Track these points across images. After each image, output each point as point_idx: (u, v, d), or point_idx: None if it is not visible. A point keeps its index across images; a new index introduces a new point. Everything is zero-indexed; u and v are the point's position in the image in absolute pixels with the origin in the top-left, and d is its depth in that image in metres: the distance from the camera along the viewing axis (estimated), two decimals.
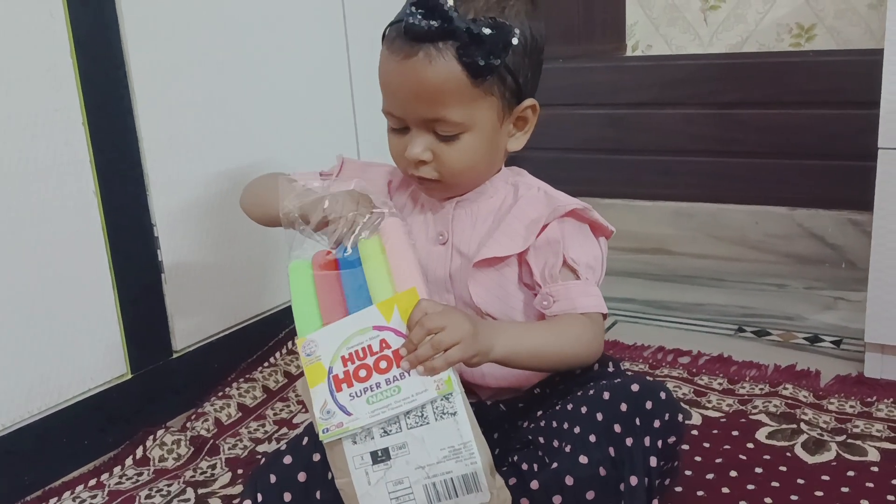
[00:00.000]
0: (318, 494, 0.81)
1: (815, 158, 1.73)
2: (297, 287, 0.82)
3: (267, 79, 1.40)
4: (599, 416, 0.82)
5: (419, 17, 0.80)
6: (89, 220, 1.15)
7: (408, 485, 0.74)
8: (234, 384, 1.33)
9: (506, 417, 0.92)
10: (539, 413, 0.88)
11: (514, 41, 0.82)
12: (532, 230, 0.89)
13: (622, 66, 1.89)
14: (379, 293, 0.79)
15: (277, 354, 1.43)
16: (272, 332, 1.46)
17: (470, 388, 0.91)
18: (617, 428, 0.82)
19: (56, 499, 1.08)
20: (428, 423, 0.74)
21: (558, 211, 0.90)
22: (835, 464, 1.06)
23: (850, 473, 1.03)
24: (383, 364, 0.76)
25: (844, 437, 1.12)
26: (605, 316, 0.92)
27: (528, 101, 0.89)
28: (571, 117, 1.89)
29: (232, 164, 1.34)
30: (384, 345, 0.76)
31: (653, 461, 0.82)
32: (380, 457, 0.74)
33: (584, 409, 0.82)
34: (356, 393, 0.75)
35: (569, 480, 0.78)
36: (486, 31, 0.80)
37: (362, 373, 0.76)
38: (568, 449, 0.80)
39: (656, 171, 1.87)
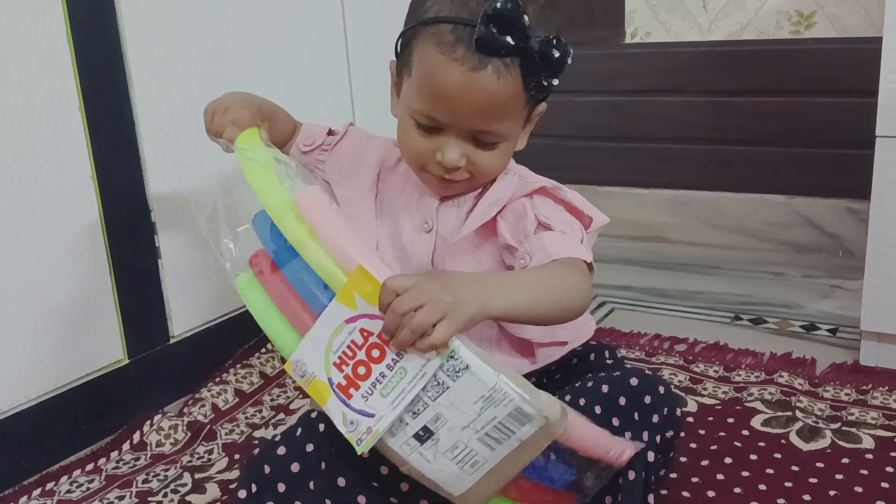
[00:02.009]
0: (311, 484, 0.81)
1: (814, 147, 1.73)
2: (254, 304, 0.79)
3: (264, 63, 1.40)
4: (598, 410, 0.82)
5: (494, 30, 0.77)
6: (86, 205, 1.15)
7: (463, 446, 0.71)
8: (232, 370, 1.33)
9: None
10: None
11: (570, 60, 0.80)
12: (491, 209, 0.88)
13: (621, 53, 1.89)
14: (332, 280, 0.74)
15: None
16: None
17: None
18: (615, 422, 0.82)
19: (53, 483, 1.08)
20: (448, 388, 0.71)
21: (526, 188, 0.88)
22: (829, 451, 1.06)
23: (845, 461, 1.04)
24: (376, 353, 0.72)
25: (839, 424, 1.13)
26: (590, 267, 0.84)
27: (542, 106, 0.89)
28: (569, 104, 1.89)
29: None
30: (365, 334, 0.72)
31: (650, 456, 0.82)
32: (423, 436, 0.72)
33: (582, 402, 0.82)
34: (367, 392, 0.72)
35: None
36: (556, 52, 0.78)
37: (361, 370, 0.73)
38: None
39: (654, 159, 1.86)
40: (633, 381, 0.84)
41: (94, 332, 1.18)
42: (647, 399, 0.83)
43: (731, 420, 1.15)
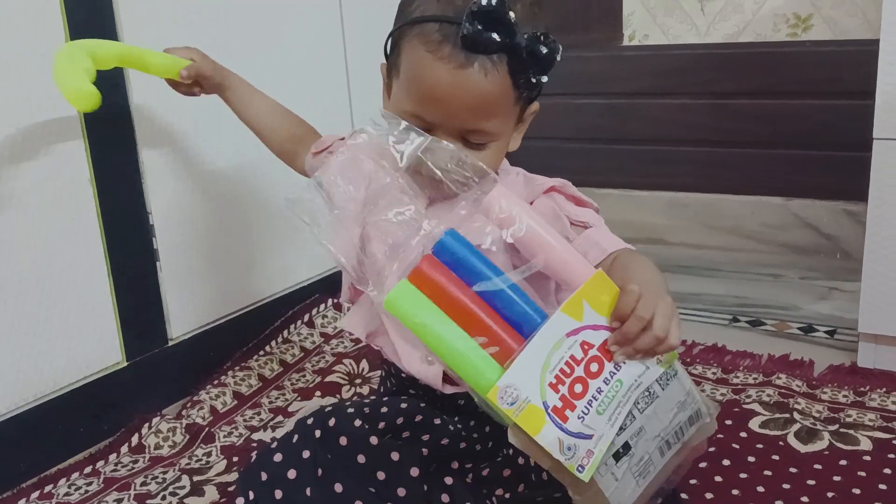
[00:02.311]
0: (308, 491, 0.80)
1: (811, 148, 1.73)
2: (423, 323, 0.66)
3: (263, 63, 1.40)
4: None
5: (479, 27, 0.77)
6: (84, 208, 1.15)
7: (647, 457, 0.68)
8: (230, 372, 1.33)
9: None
10: None
11: (559, 58, 0.80)
12: None
13: (619, 56, 1.89)
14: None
15: (273, 343, 1.43)
16: (268, 321, 1.46)
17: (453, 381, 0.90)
18: None
19: (52, 486, 1.08)
20: (658, 397, 0.67)
21: (538, 189, 0.88)
22: (827, 453, 1.07)
23: (843, 462, 1.04)
24: (594, 367, 0.66)
25: (837, 426, 1.13)
26: None
27: (535, 106, 0.89)
28: (567, 106, 1.89)
29: (228, 152, 1.34)
30: (586, 346, 0.66)
31: None
32: (622, 453, 0.67)
33: None
34: (583, 411, 0.65)
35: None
36: (544, 48, 0.78)
37: (578, 388, 0.65)
38: None
39: (652, 161, 1.86)
40: None
41: (92, 335, 1.18)
42: None
43: (728, 422, 1.15)
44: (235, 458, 1.12)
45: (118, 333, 1.21)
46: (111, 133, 1.18)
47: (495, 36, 0.77)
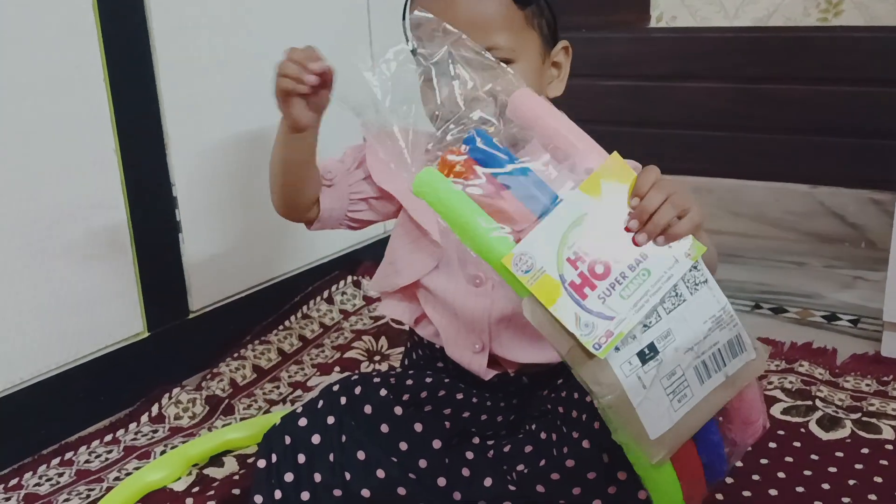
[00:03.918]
0: (331, 457, 0.81)
1: (838, 136, 1.71)
2: (446, 202, 0.66)
3: (288, 39, 1.39)
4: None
5: None
6: (109, 178, 1.15)
7: (680, 374, 0.66)
8: (250, 346, 1.34)
9: (527, 387, 0.91)
10: (560, 381, 0.88)
11: None
12: None
13: (645, 38, 1.87)
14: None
15: (293, 318, 1.43)
16: (288, 296, 1.46)
17: (497, 362, 0.90)
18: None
19: (72, 453, 1.09)
20: (685, 300, 0.66)
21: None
22: (849, 441, 1.06)
23: (865, 451, 1.03)
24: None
25: (859, 414, 1.12)
26: None
27: (562, 43, 0.89)
28: (592, 88, 1.87)
29: (252, 124, 1.34)
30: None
31: None
32: (647, 354, 0.65)
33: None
34: (605, 292, 0.65)
35: (586, 444, 0.78)
36: None
37: (599, 268, 0.65)
38: (584, 418, 0.80)
39: (676, 145, 1.85)
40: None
41: (114, 305, 1.18)
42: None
43: None
44: None
45: (140, 304, 1.22)
46: (137, 106, 1.18)
47: None
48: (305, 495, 0.80)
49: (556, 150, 0.70)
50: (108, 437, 1.13)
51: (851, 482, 0.97)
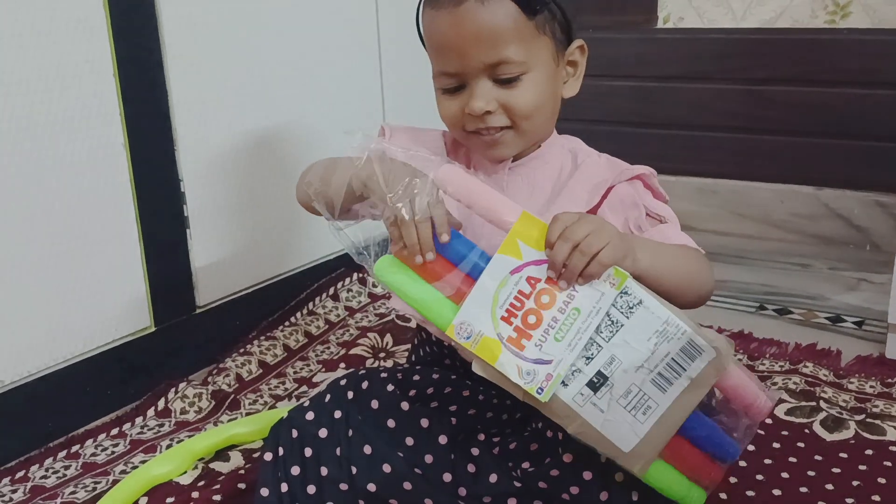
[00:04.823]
0: (337, 451, 0.82)
1: (844, 138, 1.71)
2: (399, 282, 0.76)
3: (297, 37, 1.40)
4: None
5: None
6: (117, 173, 1.16)
7: (636, 390, 0.70)
8: (256, 342, 1.34)
9: None
10: None
11: None
12: (595, 193, 0.86)
13: (652, 39, 1.87)
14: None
15: (298, 314, 1.44)
16: (294, 292, 1.47)
17: None
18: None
19: (79, 446, 1.10)
20: (622, 325, 0.70)
21: (625, 174, 0.87)
22: (853, 442, 1.06)
23: (868, 452, 1.03)
24: (545, 298, 0.71)
25: (863, 416, 1.12)
26: None
27: (577, 42, 0.88)
28: (598, 88, 1.88)
29: (261, 121, 1.35)
30: (532, 281, 0.71)
31: None
32: (597, 382, 0.70)
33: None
34: (540, 339, 0.71)
35: (602, 458, 0.78)
36: None
37: (531, 318, 0.71)
38: None
39: (682, 146, 1.85)
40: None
41: (122, 299, 1.19)
42: None
43: None
44: None
45: (147, 299, 1.22)
46: (146, 100, 1.18)
47: None
48: (312, 489, 0.81)
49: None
50: (115, 431, 1.13)
51: (855, 483, 0.97)
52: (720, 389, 0.74)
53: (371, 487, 0.80)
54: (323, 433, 0.82)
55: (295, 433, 0.83)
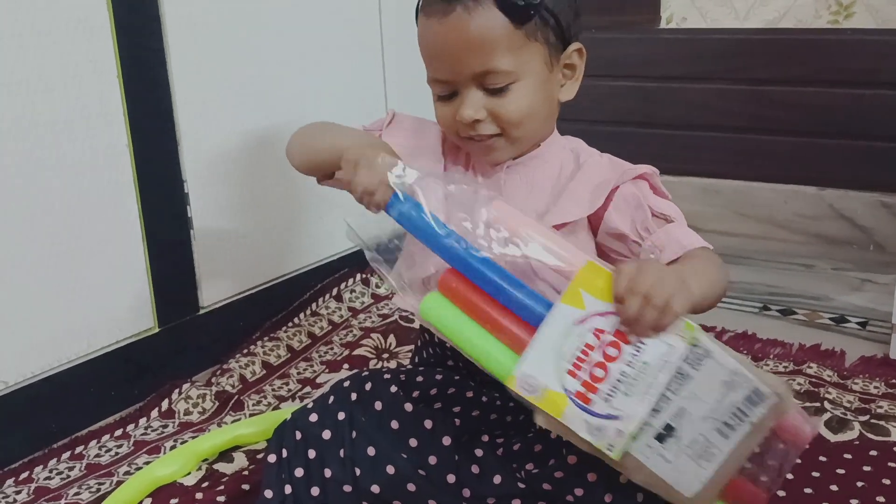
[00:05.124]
0: (341, 452, 0.82)
1: (848, 138, 1.71)
2: (452, 325, 0.72)
3: (300, 37, 1.40)
4: None
5: None
6: (121, 173, 1.16)
7: (702, 439, 0.69)
8: (259, 342, 1.34)
9: None
10: None
11: None
12: (599, 193, 0.85)
13: (655, 39, 1.87)
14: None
15: (302, 315, 1.43)
16: (297, 293, 1.47)
17: None
18: None
19: (83, 447, 1.10)
20: (691, 378, 0.68)
21: (628, 174, 0.86)
22: (857, 443, 1.06)
23: (873, 453, 1.03)
24: (612, 351, 0.68)
25: (868, 416, 1.12)
26: None
27: (574, 45, 0.86)
28: (601, 89, 1.88)
29: (264, 122, 1.35)
30: (598, 333, 0.69)
31: None
32: (665, 434, 0.69)
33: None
34: (608, 394, 0.68)
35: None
36: None
37: (599, 372, 0.68)
38: None
39: (685, 146, 1.85)
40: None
41: (125, 300, 1.19)
42: None
43: None
44: None
45: (151, 299, 1.22)
46: (149, 100, 1.19)
47: None
48: (315, 490, 0.81)
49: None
50: (119, 432, 1.13)
51: (860, 484, 0.97)
52: (776, 426, 0.73)
53: (375, 489, 0.81)
54: (326, 434, 0.82)
55: (298, 435, 0.83)
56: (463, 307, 0.73)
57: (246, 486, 0.98)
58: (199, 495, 0.98)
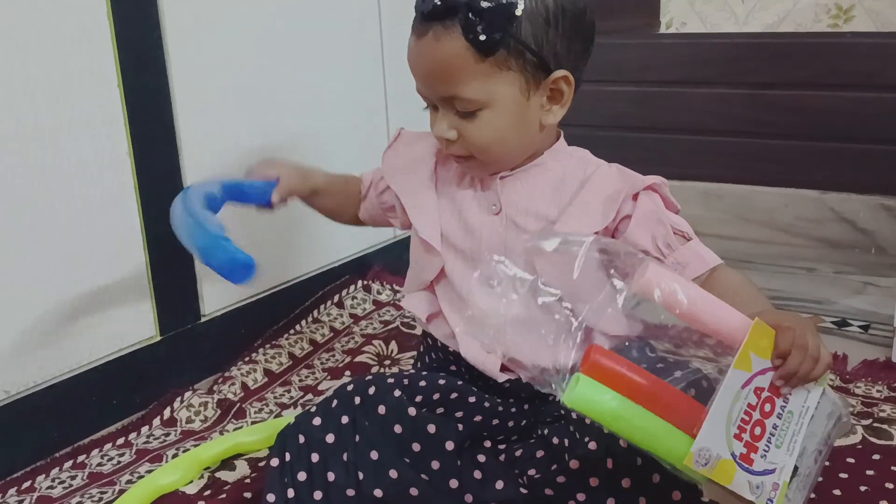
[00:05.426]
0: (344, 456, 0.82)
1: (849, 142, 1.71)
2: (608, 411, 0.68)
3: (301, 44, 1.40)
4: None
5: None
6: (122, 181, 1.16)
7: (809, 470, 0.72)
8: (261, 350, 1.34)
9: (540, 392, 0.91)
10: None
11: (518, 12, 0.79)
12: (610, 206, 0.85)
13: (655, 43, 1.87)
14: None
15: (303, 322, 1.43)
16: (298, 301, 1.47)
17: (509, 369, 0.89)
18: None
19: (85, 456, 1.10)
20: (813, 416, 0.71)
21: (638, 185, 0.85)
22: (860, 447, 1.05)
23: (876, 457, 1.03)
24: (767, 407, 0.70)
25: (870, 420, 1.12)
26: None
27: (558, 73, 0.84)
28: (601, 94, 1.88)
29: (265, 127, 1.35)
30: (758, 391, 0.69)
31: None
32: (792, 475, 0.71)
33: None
34: (765, 450, 0.70)
35: (609, 464, 0.79)
36: (485, 4, 0.78)
37: (757, 430, 0.69)
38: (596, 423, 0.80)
39: (686, 151, 1.85)
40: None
41: (127, 309, 1.19)
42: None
43: None
44: None
45: (153, 308, 1.22)
46: (150, 108, 1.19)
47: (437, 1, 0.79)
48: (318, 494, 0.81)
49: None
50: (121, 441, 1.13)
51: (863, 488, 0.97)
52: None
53: (378, 493, 0.80)
54: (330, 439, 0.82)
55: (302, 439, 0.83)
56: (617, 387, 0.69)
57: (248, 494, 0.98)
58: (201, 503, 0.98)
